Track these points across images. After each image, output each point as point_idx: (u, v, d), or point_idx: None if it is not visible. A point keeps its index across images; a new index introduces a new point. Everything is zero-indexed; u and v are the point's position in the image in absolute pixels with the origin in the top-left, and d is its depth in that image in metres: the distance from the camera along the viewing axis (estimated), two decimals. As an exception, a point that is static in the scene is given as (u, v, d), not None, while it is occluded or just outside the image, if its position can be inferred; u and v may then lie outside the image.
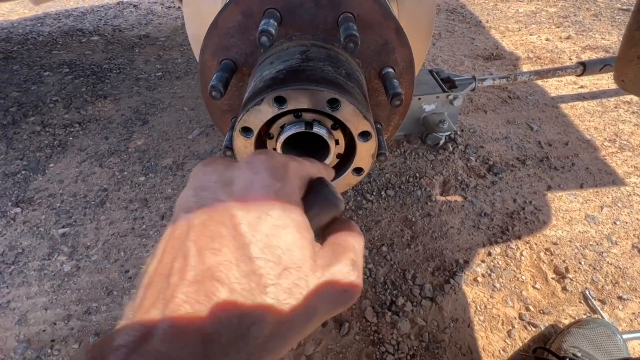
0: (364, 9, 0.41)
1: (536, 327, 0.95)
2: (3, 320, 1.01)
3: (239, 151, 0.40)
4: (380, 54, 0.44)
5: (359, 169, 0.42)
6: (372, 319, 0.97)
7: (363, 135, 0.39)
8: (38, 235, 1.24)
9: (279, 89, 0.35)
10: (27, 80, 2.01)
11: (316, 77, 0.36)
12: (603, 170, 1.37)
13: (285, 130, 0.39)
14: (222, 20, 0.42)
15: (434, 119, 1.44)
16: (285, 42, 0.42)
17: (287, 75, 0.37)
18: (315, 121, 0.39)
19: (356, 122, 0.37)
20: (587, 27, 2.29)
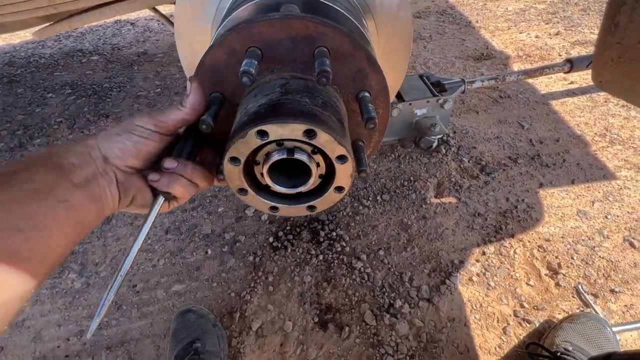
0: (337, 42, 0.45)
1: (531, 323, 0.98)
2: (19, 338, 1.06)
3: (229, 177, 0.45)
4: (356, 80, 0.48)
5: (340, 187, 0.46)
6: (371, 322, 1.01)
7: (340, 158, 0.43)
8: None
9: (261, 123, 0.40)
10: (31, 102, 2.07)
11: (294, 110, 0.41)
12: (594, 165, 1.40)
13: (270, 157, 0.44)
14: (209, 60, 0.46)
15: (425, 123, 1.47)
16: (268, 74, 0.47)
17: (267, 110, 0.41)
18: (296, 148, 0.43)
19: (332, 148, 0.42)
20: (576, 22, 2.32)
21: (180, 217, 1.36)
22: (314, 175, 0.45)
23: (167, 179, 0.45)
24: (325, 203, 0.48)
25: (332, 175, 0.46)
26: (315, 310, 1.05)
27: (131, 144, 0.44)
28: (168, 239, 1.30)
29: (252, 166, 0.46)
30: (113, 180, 0.43)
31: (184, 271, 1.19)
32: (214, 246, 1.25)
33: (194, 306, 1.04)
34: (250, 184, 0.47)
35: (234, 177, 0.45)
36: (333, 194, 0.47)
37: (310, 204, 0.48)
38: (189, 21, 0.67)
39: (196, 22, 0.68)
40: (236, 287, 1.13)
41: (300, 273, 1.14)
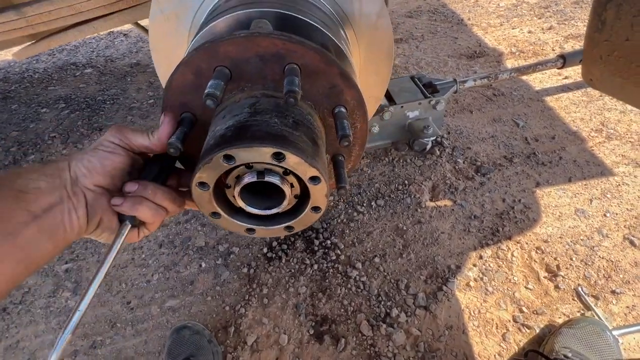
0: (307, 59, 0.44)
1: (530, 328, 0.96)
2: (14, 360, 1.05)
3: (198, 202, 0.44)
4: (330, 96, 0.46)
5: (316, 207, 0.45)
6: (367, 332, 0.99)
7: (312, 179, 0.41)
8: (43, 273, 1.28)
9: (226, 147, 0.38)
10: (25, 118, 2.07)
11: (261, 132, 0.39)
12: (591, 162, 1.37)
13: (241, 180, 0.42)
14: (175, 81, 0.45)
15: (418, 125, 1.46)
16: (238, 93, 0.45)
17: (234, 133, 0.40)
18: (266, 170, 0.42)
19: (303, 170, 0.40)
20: (569, 15, 2.29)
21: (174, 230, 1.35)
22: (288, 196, 0.44)
23: (129, 202, 0.43)
24: (302, 223, 0.47)
25: (307, 195, 0.45)
26: (310, 322, 1.03)
27: (96, 160, 0.44)
28: (162, 253, 1.28)
29: (223, 188, 0.45)
30: (82, 202, 0.42)
31: (178, 286, 1.18)
32: (208, 259, 1.24)
33: (188, 322, 1.03)
34: (223, 206, 0.46)
35: (204, 202, 0.44)
36: (310, 214, 0.45)
37: (288, 225, 0.47)
38: (164, 35, 0.66)
39: (171, 36, 0.67)
40: (231, 301, 1.11)
41: (295, 284, 1.13)
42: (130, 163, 0.46)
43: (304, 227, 0.47)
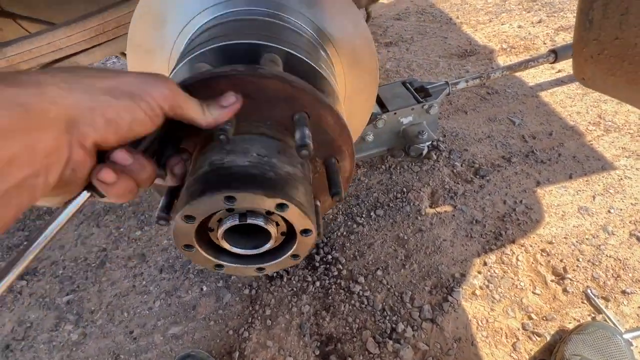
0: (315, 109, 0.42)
1: (541, 336, 0.93)
2: (18, 400, 1.04)
3: (178, 233, 0.40)
4: (327, 147, 0.46)
5: (296, 255, 0.44)
6: (374, 350, 0.97)
7: (304, 231, 0.40)
8: (44, 307, 1.27)
9: (231, 189, 0.36)
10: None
11: (269, 180, 0.38)
12: (591, 157, 1.35)
13: (223, 223, 0.41)
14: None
15: (413, 130, 1.44)
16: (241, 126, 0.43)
17: (239, 173, 0.38)
18: (248, 212, 0.40)
19: (300, 222, 0.39)
20: (558, 7, 2.28)
21: (174, 254, 1.34)
22: (274, 236, 0.42)
23: (118, 181, 0.33)
24: (277, 267, 0.45)
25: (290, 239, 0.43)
26: (316, 342, 1.01)
27: (129, 117, 0.30)
28: (162, 278, 1.27)
29: (205, 227, 0.43)
30: (61, 161, 0.28)
31: (180, 311, 1.16)
32: (209, 281, 1.22)
33: (192, 350, 1.01)
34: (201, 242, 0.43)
35: (184, 234, 0.41)
36: (288, 259, 0.44)
37: (260, 266, 0.45)
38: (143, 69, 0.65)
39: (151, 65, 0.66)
40: (234, 324, 1.10)
41: (297, 303, 1.11)
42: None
43: (276, 270, 0.46)
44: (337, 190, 0.45)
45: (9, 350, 1.16)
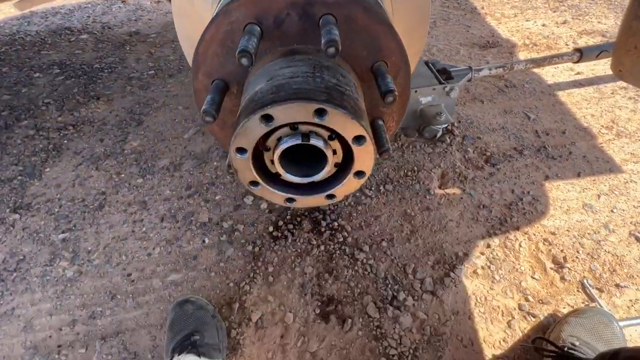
0: (345, 10, 0.40)
1: (535, 317, 0.96)
2: (9, 327, 1.02)
3: (239, 169, 0.40)
4: (370, 51, 0.43)
5: (360, 172, 0.42)
6: (374, 314, 0.99)
7: (357, 139, 0.38)
8: (38, 241, 1.24)
9: (264, 107, 0.35)
10: (17, 82, 1.97)
11: (300, 90, 0.36)
12: (600, 158, 1.37)
13: (282, 142, 0.39)
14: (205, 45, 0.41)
15: (430, 111, 1.43)
16: (270, 55, 0.42)
17: (271, 92, 0.36)
18: (312, 132, 0.39)
19: (348, 128, 0.37)
20: (584, 11, 2.26)
21: (176, 205, 1.31)
22: (330, 162, 0.41)
23: None
24: (345, 190, 0.44)
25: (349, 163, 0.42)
26: (316, 302, 1.02)
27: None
28: (164, 227, 1.25)
29: (262, 156, 0.42)
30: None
31: (180, 260, 1.15)
32: (212, 235, 1.21)
33: (192, 296, 1.01)
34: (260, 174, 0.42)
35: (244, 170, 0.40)
36: (353, 180, 0.43)
37: (330, 193, 0.44)
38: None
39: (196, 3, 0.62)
40: (235, 277, 1.10)
41: (301, 264, 1.11)
42: None
43: (346, 195, 0.45)
44: (386, 147, 0.44)
45: (0, 280, 1.14)
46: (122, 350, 0.97)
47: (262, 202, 1.29)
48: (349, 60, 0.43)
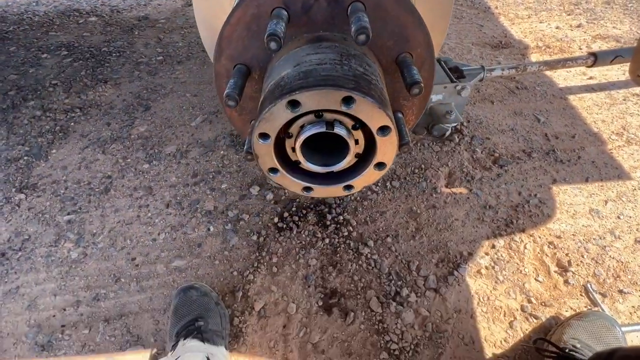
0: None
1: (537, 318, 0.97)
2: (13, 305, 1.03)
3: (259, 155, 0.40)
4: (397, 42, 0.42)
5: (381, 163, 0.42)
6: (377, 308, 0.99)
7: (382, 130, 0.38)
8: (43, 222, 1.24)
9: (292, 92, 0.34)
10: (24, 62, 1.96)
11: (328, 77, 0.35)
12: (609, 164, 1.37)
13: (305, 130, 0.39)
14: (230, 28, 0.40)
15: (441, 109, 1.42)
16: (296, 41, 0.41)
17: (299, 78, 0.36)
18: (336, 121, 0.38)
19: (374, 117, 0.37)
20: (599, 15, 2.23)
21: (182, 192, 1.31)
22: (352, 152, 0.41)
23: None
24: (364, 181, 0.44)
25: (370, 154, 0.42)
26: (319, 294, 1.03)
27: None
28: (169, 213, 1.25)
29: (282, 143, 0.41)
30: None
31: (185, 247, 1.16)
32: (217, 223, 1.21)
33: (196, 283, 1.01)
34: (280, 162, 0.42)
35: (264, 155, 0.40)
36: (373, 171, 0.42)
37: (348, 184, 0.44)
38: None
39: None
40: (239, 266, 1.10)
41: (305, 255, 1.11)
42: None
43: (364, 187, 0.45)
44: (406, 140, 0.43)
45: (5, 259, 1.14)
46: (125, 332, 0.98)
47: (267, 192, 1.29)
48: (374, 50, 0.42)
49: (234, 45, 0.41)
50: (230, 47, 0.41)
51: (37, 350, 0.96)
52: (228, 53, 0.41)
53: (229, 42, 0.41)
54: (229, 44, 0.41)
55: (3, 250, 1.17)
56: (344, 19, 0.39)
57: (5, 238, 1.20)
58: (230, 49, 0.41)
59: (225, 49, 0.41)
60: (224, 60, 0.42)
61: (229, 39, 0.41)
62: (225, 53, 0.42)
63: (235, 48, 0.41)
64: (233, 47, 0.41)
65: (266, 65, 0.42)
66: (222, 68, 0.43)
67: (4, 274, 1.10)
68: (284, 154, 0.43)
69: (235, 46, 0.41)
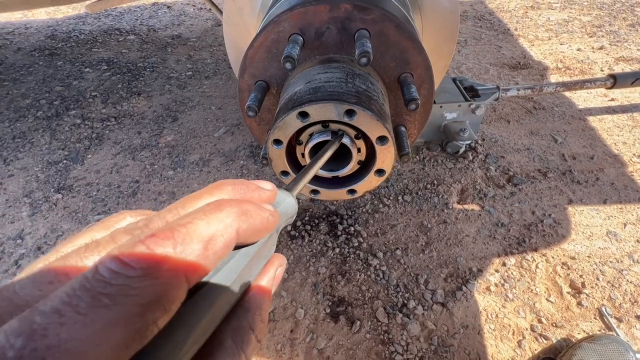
0: (379, 26, 0.45)
1: (547, 339, 0.95)
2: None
3: (273, 158, 0.46)
4: (398, 63, 0.48)
5: (381, 170, 0.46)
6: (383, 319, 1.00)
7: (380, 139, 0.43)
8: (76, 220, 1.35)
9: (302, 105, 0.40)
10: (69, 75, 2.16)
11: (334, 93, 0.41)
12: (629, 187, 1.34)
13: (313, 138, 0.44)
14: (254, 50, 0.47)
15: (454, 127, 1.45)
16: (309, 62, 0.47)
17: (309, 93, 0.42)
18: (340, 131, 0.43)
19: (372, 128, 0.42)
20: (623, 37, 2.21)
21: (203, 198, 1.39)
22: (354, 159, 0.45)
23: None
24: (365, 186, 0.48)
25: (371, 162, 0.46)
26: (327, 302, 1.05)
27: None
28: (189, 217, 1.33)
29: (293, 150, 0.47)
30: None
31: (202, 250, 1.22)
32: (233, 229, 1.27)
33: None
34: (290, 166, 0.48)
35: (277, 159, 0.46)
36: (373, 177, 0.47)
37: (351, 188, 0.48)
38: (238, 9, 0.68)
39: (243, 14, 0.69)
40: (251, 271, 1.14)
41: (315, 264, 1.15)
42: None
43: (367, 191, 0.49)
44: (406, 151, 0.48)
45: (41, 252, 1.25)
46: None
47: (282, 201, 1.35)
48: (378, 70, 0.48)
49: (256, 64, 0.48)
50: (253, 67, 0.48)
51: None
52: (250, 71, 0.48)
53: (252, 62, 0.47)
54: (251, 64, 0.48)
55: (39, 244, 1.27)
56: (352, 44, 0.45)
57: (42, 233, 1.31)
58: (252, 68, 0.48)
59: (249, 67, 0.48)
60: (247, 77, 0.48)
61: (252, 60, 0.47)
62: (248, 71, 0.48)
63: (257, 67, 0.48)
64: (255, 66, 0.48)
65: (283, 82, 0.49)
66: (245, 84, 0.49)
67: (39, 266, 1.20)
68: (295, 159, 0.48)
69: (257, 66, 0.48)
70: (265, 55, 0.47)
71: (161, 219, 0.20)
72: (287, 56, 0.40)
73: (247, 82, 0.48)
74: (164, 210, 0.21)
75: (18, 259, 1.21)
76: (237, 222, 0.20)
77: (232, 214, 0.20)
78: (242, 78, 0.48)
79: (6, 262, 1.20)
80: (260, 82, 0.48)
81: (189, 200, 0.22)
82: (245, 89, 0.49)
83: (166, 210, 0.21)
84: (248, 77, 0.48)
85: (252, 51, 0.46)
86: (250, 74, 0.48)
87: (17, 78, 2.12)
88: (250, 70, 0.48)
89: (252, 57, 0.47)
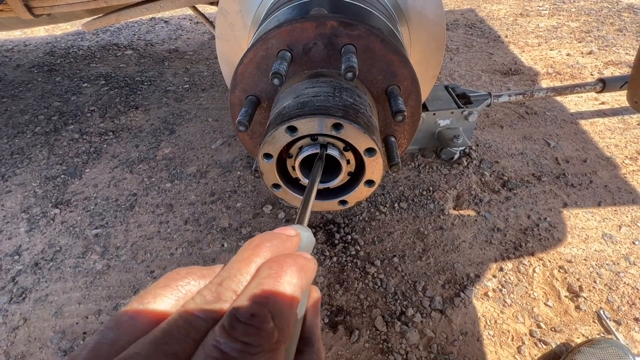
0: (365, 41, 0.46)
1: (547, 344, 0.95)
2: (42, 312, 1.11)
3: (264, 172, 0.47)
4: (385, 76, 0.49)
5: (370, 181, 0.47)
6: (382, 328, 1.00)
7: (368, 151, 0.44)
8: (74, 235, 1.35)
9: (290, 120, 0.41)
10: (67, 91, 2.18)
11: (321, 107, 0.42)
12: (623, 189, 1.35)
13: (303, 151, 0.45)
14: (244, 66, 0.48)
15: (448, 133, 1.47)
16: (297, 76, 0.49)
17: (297, 108, 0.43)
18: (329, 144, 0.45)
19: (360, 140, 0.43)
20: (611, 42, 2.26)
21: (200, 209, 1.40)
22: (344, 171, 0.46)
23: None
24: (356, 197, 0.49)
25: (361, 173, 0.47)
26: (326, 311, 1.05)
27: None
28: (187, 229, 1.33)
29: (284, 162, 0.48)
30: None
31: (200, 261, 1.22)
32: (231, 239, 1.28)
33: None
34: (282, 179, 0.49)
35: (268, 173, 0.47)
36: (363, 188, 0.48)
37: (342, 199, 0.49)
38: (229, 25, 0.70)
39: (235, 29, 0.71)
40: (249, 282, 1.14)
41: (313, 273, 1.15)
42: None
43: (357, 202, 0.50)
44: (396, 161, 0.49)
45: (38, 268, 1.24)
46: (140, 341, 1.03)
47: (279, 211, 1.35)
48: (366, 83, 0.49)
49: (247, 80, 0.49)
50: (243, 82, 0.49)
51: (60, 355, 1.02)
52: (241, 87, 0.49)
53: (242, 78, 0.49)
54: (242, 79, 0.49)
55: (37, 260, 1.27)
56: (339, 58, 0.47)
57: (39, 249, 1.31)
58: (243, 84, 0.49)
59: (239, 83, 0.49)
60: (237, 92, 0.50)
61: (243, 75, 0.49)
62: (239, 87, 0.49)
63: (247, 82, 0.49)
64: (245, 82, 0.49)
65: (273, 96, 0.50)
66: (236, 99, 0.51)
67: (36, 283, 1.19)
68: (286, 172, 0.49)
69: (248, 81, 0.49)
70: (255, 71, 0.48)
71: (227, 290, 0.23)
72: (275, 72, 0.42)
73: (238, 97, 0.50)
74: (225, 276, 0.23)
75: (15, 276, 1.21)
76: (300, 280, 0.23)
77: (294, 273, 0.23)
78: (233, 93, 0.49)
79: (3, 278, 1.20)
80: (251, 97, 0.49)
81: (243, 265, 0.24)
82: (237, 103, 0.50)
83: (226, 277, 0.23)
84: (239, 92, 0.49)
85: (242, 67, 0.48)
86: (241, 89, 0.49)
87: (15, 94, 2.14)
88: (241, 86, 0.49)
89: (243, 73, 0.48)
